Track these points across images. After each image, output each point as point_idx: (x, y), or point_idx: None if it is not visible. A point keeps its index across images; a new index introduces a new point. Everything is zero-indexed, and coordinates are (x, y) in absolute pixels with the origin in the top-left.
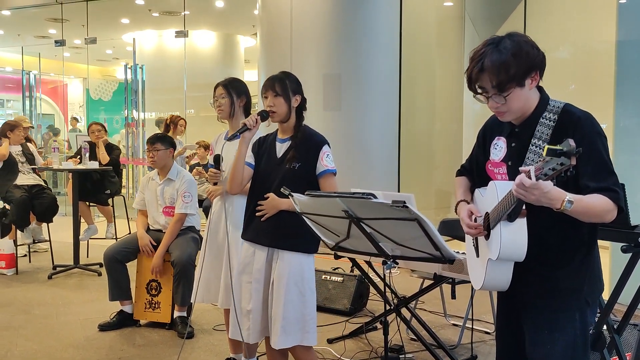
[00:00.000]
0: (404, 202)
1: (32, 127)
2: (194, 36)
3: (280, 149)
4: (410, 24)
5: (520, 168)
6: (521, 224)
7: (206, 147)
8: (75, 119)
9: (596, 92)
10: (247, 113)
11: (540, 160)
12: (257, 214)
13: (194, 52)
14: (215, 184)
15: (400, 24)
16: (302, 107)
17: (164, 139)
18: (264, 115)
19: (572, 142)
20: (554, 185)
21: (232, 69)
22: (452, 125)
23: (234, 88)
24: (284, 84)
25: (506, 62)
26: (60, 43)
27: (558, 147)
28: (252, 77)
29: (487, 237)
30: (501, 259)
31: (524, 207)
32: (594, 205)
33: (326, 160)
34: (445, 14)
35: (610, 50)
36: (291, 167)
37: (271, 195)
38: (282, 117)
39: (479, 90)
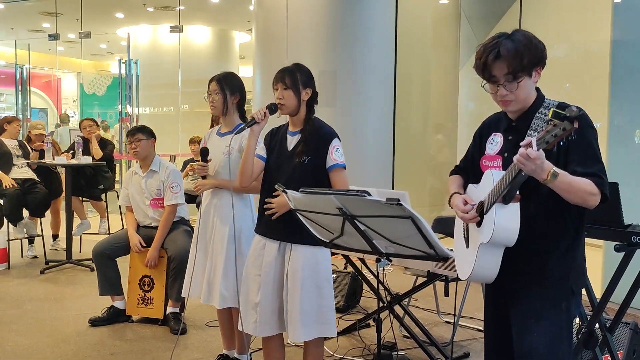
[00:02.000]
0: (398, 200)
1: (46, 135)
2: (189, 31)
3: (291, 142)
4: (406, 21)
5: (521, 143)
6: (515, 207)
7: (199, 143)
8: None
9: (591, 91)
10: (240, 110)
11: (541, 130)
12: (266, 212)
13: (188, 48)
14: (203, 177)
15: (396, 22)
16: (313, 100)
17: (144, 130)
18: (272, 109)
19: (574, 108)
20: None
21: (227, 65)
22: (447, 123)
23: (228, 85)
24: (294, 77)
25: (521, 50)
26: (54, 37)
27: (563, 111)
28: (247, 73)
29: (479, 224)
30: (493, 241)
31: (517, 192)
32: (578, 183)
33: (335, 154)
34: (441, 12)
35: (605, 50)
36: (301, 161)
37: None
38: (290, 110)
39: (490, 79)
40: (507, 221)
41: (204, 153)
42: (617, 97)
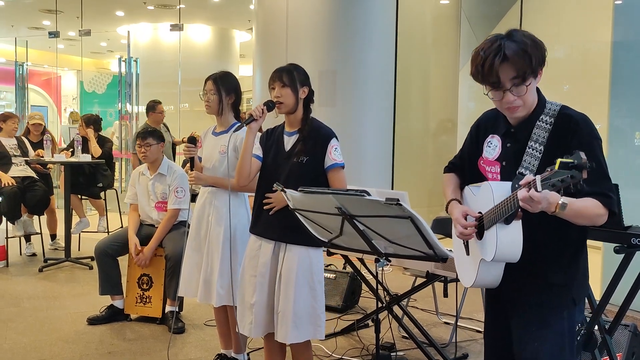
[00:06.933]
0: (398, 200)
1: (42, 124)
2: (189, 30)
3: (288, 142)
4: (406, 21)
5: (521, 182)
6: (517, 225)
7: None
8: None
9: (591, 92)
10: (235, 110)
11: (547, 171)
12: (265, 207)
13: (188, 46)
14: (191, 159)
15: (396, 22)
16: (309, 99)
17: (154, 134)
18: (270, 106)
19: (583, 155)
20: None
21: (227, 64)
22: (446, 123)
23: (224, 85)
24: (291, 75)
25: (528, 51)
26: (54, 34)
27: (570, 159)
28: (248, 72)
29: (480, 237)
30: (496, 260)
31: (520, 210)
32: (586, 208)
33: (334, 153)
34: (441, 12)
35: (606, 51)
36: (299, 161)
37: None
38: (289, 108)
39: (495, 85)
40: (509, 241)
41: (192, 140)
42: (617, 98)
